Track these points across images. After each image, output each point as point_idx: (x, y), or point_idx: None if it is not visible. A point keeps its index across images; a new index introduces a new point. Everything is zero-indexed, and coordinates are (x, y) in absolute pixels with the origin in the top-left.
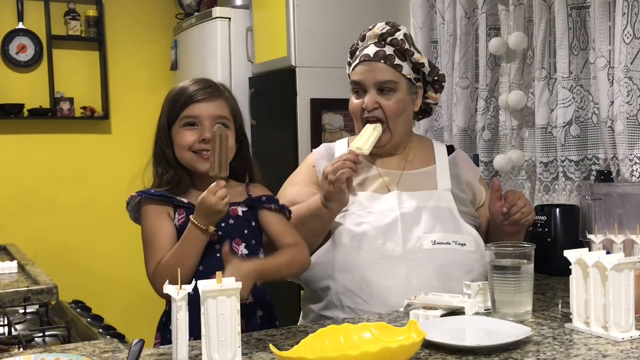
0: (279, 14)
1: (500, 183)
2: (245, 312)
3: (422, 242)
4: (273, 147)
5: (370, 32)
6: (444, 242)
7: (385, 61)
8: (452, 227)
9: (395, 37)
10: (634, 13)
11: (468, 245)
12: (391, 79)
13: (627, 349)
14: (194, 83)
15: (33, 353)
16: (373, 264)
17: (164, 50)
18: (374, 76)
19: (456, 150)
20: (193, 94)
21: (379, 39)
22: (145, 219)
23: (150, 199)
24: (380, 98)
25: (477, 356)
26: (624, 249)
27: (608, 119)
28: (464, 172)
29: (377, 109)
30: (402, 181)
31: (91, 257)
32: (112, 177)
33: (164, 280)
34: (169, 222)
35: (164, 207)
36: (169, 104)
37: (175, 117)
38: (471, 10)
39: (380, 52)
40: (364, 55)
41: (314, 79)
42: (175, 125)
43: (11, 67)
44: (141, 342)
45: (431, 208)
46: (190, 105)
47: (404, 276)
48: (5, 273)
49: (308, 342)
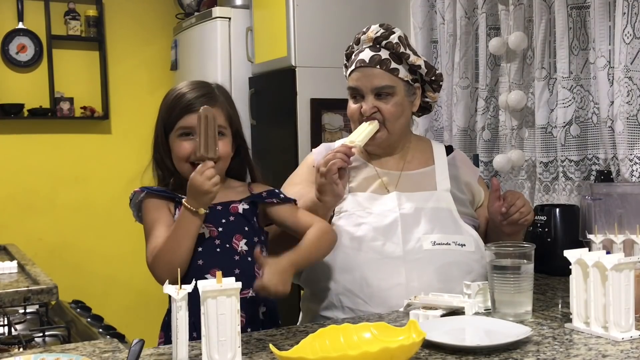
0: (279, 14)
1: (499, 183)
2: (247, 307)
3: (422, 243)
4: (273, 147)
5: (365, 35)
6: (444, 243)
7: (382, 66)
8: (451, 227)
9: (390, 40)
10: (634, 13)
11: (468, 245)
12: (388, 84)
13: (627, 349)
14: (190, 90)
15: (33, 353)
16: (373, 265)
17: (164, 50)
18: (371, 82)
19: (455, 151)
20: (189, 103)
21: (373, 43)
22: (146, 213)
23: (153, 194)
24: (378, 102)
25: (477, 356)
26: (624, 249)
27: (608, 119)
28: (463, 173)
29: (376, 113)
30: (401, 182)
31: (91, 257)
32: (112, 177)
33: (161, 266)
34: (168, 215)
35: (165, 201)
36: (166, 111)
37: (171, 126)
38: (471, 10)
39: (375, 57)
40: (360, 60)
41: (314, 79)
42: (172, 134)
43: (11, 67)
44: (141, 342)
45: (431, 209)
46: (187, 115)
47: (404, 277)
48: (5, 273)
49: (308, 342)
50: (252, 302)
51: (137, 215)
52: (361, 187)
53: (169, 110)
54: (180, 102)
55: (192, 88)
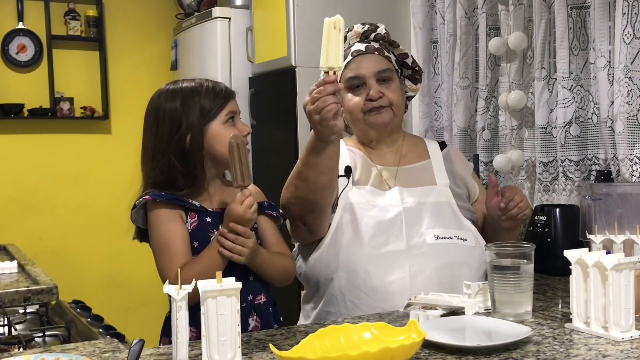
0: (279, 14)
1: (496, 179)
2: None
3: (425, 237)
4: (273, 147)
5: (351, 32)
6: (447, 237)
7: (379, 52)
8: (453, 222)
9: (378, 32)
10: (634, 13)
11: (469, 240)
12: (389, 68)
13: (627, 349)
14: (211, 81)
15: (33, 353)
16: (376, 259)
17: (164, 50)
18: (373, 67)
19: (448, 146)
20: (227, 89)
21: (361, 37)
22: (158, 223)
23: (162, 202)
24: (382, 87)
25: (477, 356)
26: (624, 249)
27: (608, 119)
28: (458, 167)
29: (382, 98)
30: (400, 176)
31: (91, 257)
32: (112, 177)
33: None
34: (182, 226)
35: (176, 210)
36: (209, 99)
37: (216, 114)
38: (471, 10)
39: (370, 47)
40: (356, 51)
41: (314, 79)
42: (215, 121)
43: (11, 67)
44: (141, 342)
45: (432, 203)
46: (232, 99)
47: (408, 271)
48: (5, 273)
49: (308, 342)
50: (265, 308)
51: (135, 219)
52: (362, 181)
53: (212, 97)
54: (219, 89)
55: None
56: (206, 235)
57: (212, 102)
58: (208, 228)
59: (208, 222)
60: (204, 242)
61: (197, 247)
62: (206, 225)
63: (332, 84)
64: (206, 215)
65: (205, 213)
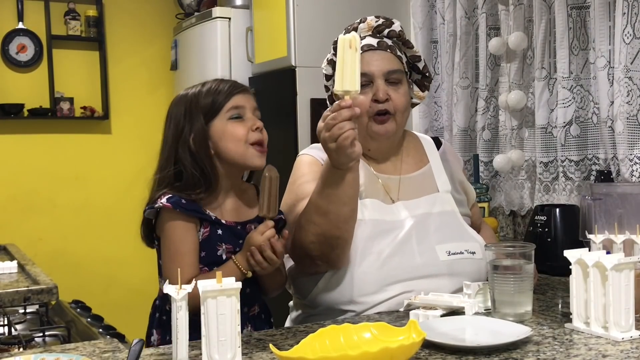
0: (279, 14)
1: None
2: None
3: (438, 254)
4: (273, 147)
5: (363, 24)
6: (458, 252)
7: (391, 50)
8: (460, 234)
9: (393, 29)
10: (634, 13)
11: (477, 253)
12: (400, 69)
13: (627, 349)
14: (220, 80)
15: (33, 353)
16: (392, 281)
17: (164, 50)
18: (384, 65)
19: (443, 144)
20: (232, 86)
21: (374, 32)
22: (173, 230)
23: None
24: (389, 89)
25: (477, 356)
26: (624, 249)
27: (608, 119)
28: (455, 169)
29: (388, 102)
30: (403, 187)
31: (91, 257)
32: (112, 177)
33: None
34: (196, 238)
35: (192, 219)
36: (210, 98)
37: (217, 111)
38: (471, 10)
39: (383, 43)
40: (367, 45)
41: (314, 79)
42: (218, 119)
43: (11, 67)
44: (141, 342)
45: (438, 214)
46: (236, 95)
47: (423, 290)
48: (5, 273)
49: (308, 342)
50: (259, 317)
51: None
52: (365, 195)
53: (213, 96)
54: (221, 87)
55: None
56: (214, 247)
57: (213, 100)
58: (217, 241)
59: (219, 234)
60: (210, 253)
61: (203, 256)
62: (216, 238)
63: (348, 109)
64: (218, 228)
65: (217, 225)
